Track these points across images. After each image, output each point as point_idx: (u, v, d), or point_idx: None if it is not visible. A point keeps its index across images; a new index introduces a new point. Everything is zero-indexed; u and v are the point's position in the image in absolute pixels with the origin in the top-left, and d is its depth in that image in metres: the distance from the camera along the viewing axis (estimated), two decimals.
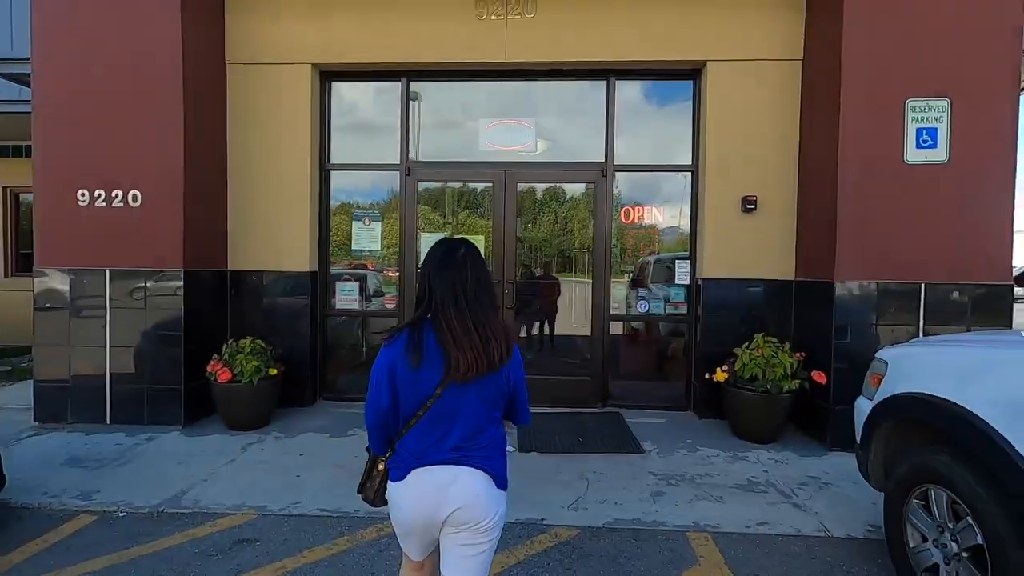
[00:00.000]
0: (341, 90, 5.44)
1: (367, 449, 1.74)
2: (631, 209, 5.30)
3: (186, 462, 3.88)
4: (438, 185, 5.46)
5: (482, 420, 1.60)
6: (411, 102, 5.31)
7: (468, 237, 2.19)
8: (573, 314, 5.48)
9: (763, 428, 4.32)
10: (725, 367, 4.46)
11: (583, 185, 5.36)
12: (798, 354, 4.35)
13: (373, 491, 1.70)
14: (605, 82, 5.20)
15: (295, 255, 5.11)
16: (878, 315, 4.19)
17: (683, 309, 5.21)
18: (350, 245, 5.39)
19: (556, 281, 5.50)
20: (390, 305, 5.36)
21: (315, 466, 3.84)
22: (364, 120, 5.49)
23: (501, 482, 1.64)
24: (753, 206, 4.80)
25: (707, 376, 4.61)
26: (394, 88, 5.31)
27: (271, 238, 5.08)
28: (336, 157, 5.40)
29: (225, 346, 4.56)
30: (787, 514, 3.24)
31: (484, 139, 5.29)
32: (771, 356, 4.27)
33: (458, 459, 1.58)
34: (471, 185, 5.49)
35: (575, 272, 5.47)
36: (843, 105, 4.15)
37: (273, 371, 4.52)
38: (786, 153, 4.84)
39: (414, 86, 5.35)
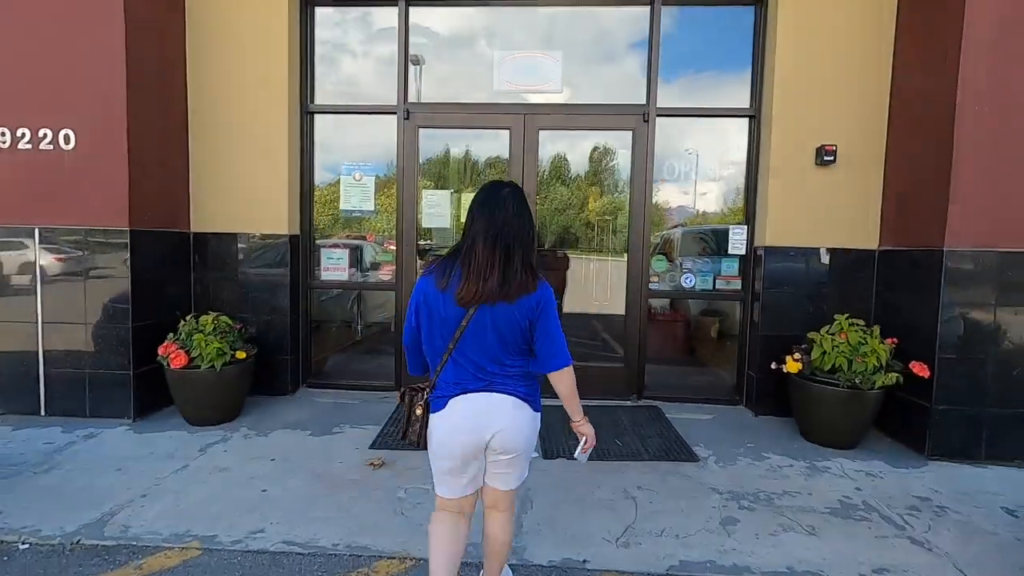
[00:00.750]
0: (326, 17, 4.49)
1: (400, 395, 1.85)
2: (675, 163, 4.40)
3: (126, 468, 3.08)
4: (444, 133, 4.56)
5: (499, 352, 1.67)
6: (410, 32, 4.37)
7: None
8: (605, 290, 4.62)
9: (844, 430, 3.50)
10: (797, 355, 3.62)
11: (620, 133, 4.44)
12: (889, 340, 3.50)
13: (416, 434, 1.79)
14: (648, 8, 4.25)
15: (271, 215, 4.25)
16: (1000, 292, 3.31)
17: (736, 284, 4.35)
18: (338, 205, 4.51)
19: (565, 256, 4.67)
20: (386, 277, 4.51)
21: (288, 475, 3.04)
22: (354, 55, 4.56)
23: (532, 404, 1.76)
24: (832, 158, 3.89)
25: (773, 366, 3.76)
26: (390, 15, 4.37)
27: (242, 194, 4.21)
28: (320, 98, 4.49)
29: (182, 323, 3.72)
30: (907, 554, 2.42)
31: (499, 76, 4.36)
32: (859, 343, 3.42)
33: (489, 386, 1.69)
34: (482, 134, 4.59)
35: (606, 239, 4.60)
36: (969, 11, 3.22)
37: (241, 354, 3.70)
38: (873, 91, 3.91)
39: (414, 14, 4.41)
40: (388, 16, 4.38)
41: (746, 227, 4.28)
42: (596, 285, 4.72)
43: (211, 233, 4.26)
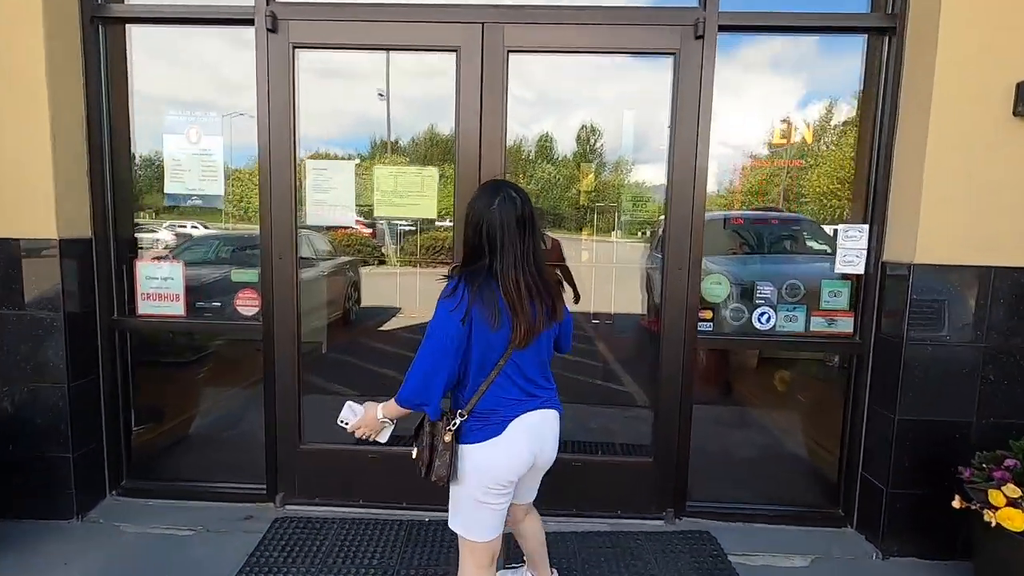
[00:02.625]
0: None
1: (416, 428, 1.63)
2: (735, 115, 2.55)
3: None
4: (341, 60, 2.67)
5: (543, 366, 1.65)
6: None
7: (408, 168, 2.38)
8: (619, 328, 2.81)
9: None
10: (1014, 488, 1.85)
11: (650, 63, 2.58)
12: None
13: (448, 466, 1.55)
14: None
15: (27, 205, 2.35)
16: None
17: (845, 323, 2.55)
18: (162, 186, 2.61)
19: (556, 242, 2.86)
20: (247, 308, 2.64)
21: None
22: None
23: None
24: None
25: (956, 503, 1.99)
26: None
27: None
28: None
29: None
30: None
31: None
32: None
33: (543, 404, 1.63)
34: (410, 62, 2.69)
35: (617, 246, 2.78)
36: None
37: None
38: None
39: None
40: None
41: (867, 228, 2.47)
42: (603, 317, 2.90)
43: None
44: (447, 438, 1.53)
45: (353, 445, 2.70)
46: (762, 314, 2.56)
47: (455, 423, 1.54)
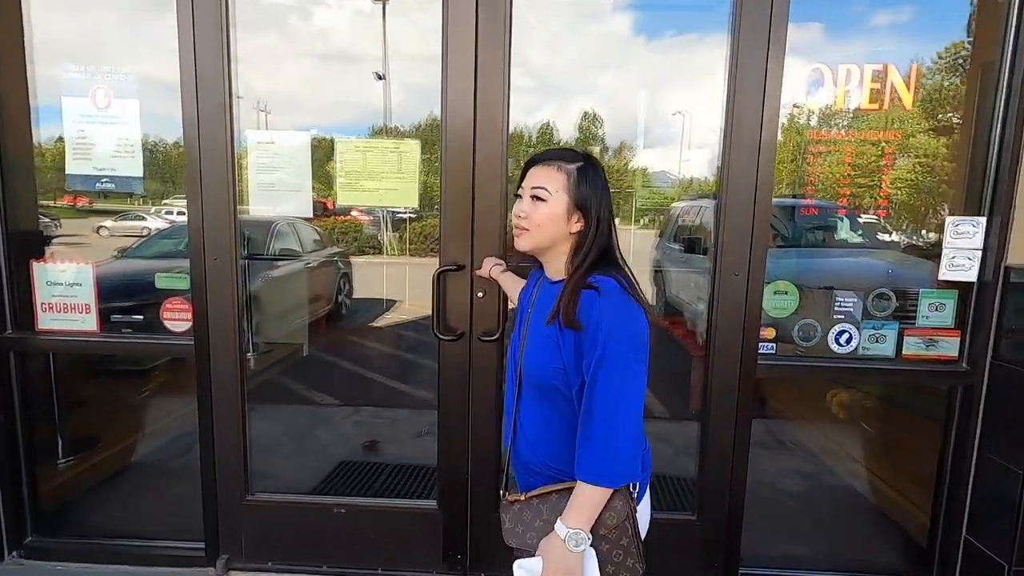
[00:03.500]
0: None
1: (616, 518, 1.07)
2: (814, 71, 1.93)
3: None
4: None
5: None
6: None
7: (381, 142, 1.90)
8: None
9: None
10: None
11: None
12: None
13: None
14: None
15: None
16: None
17: (949, 346, 1.96)
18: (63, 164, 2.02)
19: None
20: (177, 323, 2.06)
21: None
22: None
23: None
24: None
25: None
26: None
27: None
28: None
29: None
30: None
31: None
32: None
33: None
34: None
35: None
36: None
37: None
38: None
39: None
40: None
41: (984, 223, 1.87)
42: None
43: None
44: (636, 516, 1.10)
45: (313, 496, 2.17)
46: (840, 333, 1.98)
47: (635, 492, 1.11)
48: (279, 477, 2.68)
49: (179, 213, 2.21)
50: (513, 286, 1.68)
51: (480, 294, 1.90)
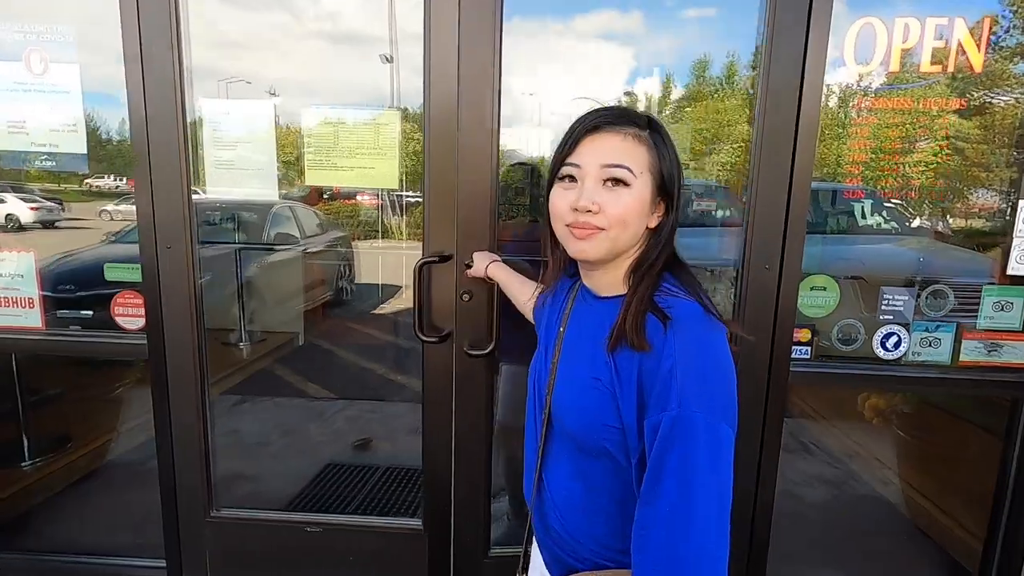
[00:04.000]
0: None
1: None
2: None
3: None
4: None
5: None
6: None
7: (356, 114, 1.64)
8: None
9: None
10: None
11: None
12: None
13: None
14: None
15: None
16: None
17: (1013, 352, 1.69)
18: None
19: None
20: (129, 319, 1.83)
21: None
22: None
23: None
24: None
25: None
26: None
27: None
28: None
29: None
30: None
31: None
32: None
33: None
34: None
35: None
36: None
37: None
38: None
39: None
40: None
41: None
42: None
43: None
44: None
45: (285, 513, 1.96)
46: (888, 335, 1.70)
47: None
48: (261, 480, 2.49)
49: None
50: (520, 287, 1.35)
51: (465, 296, 1.65)
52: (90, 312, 1.87)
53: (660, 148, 0.80)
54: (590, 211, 0.77)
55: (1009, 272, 1.63)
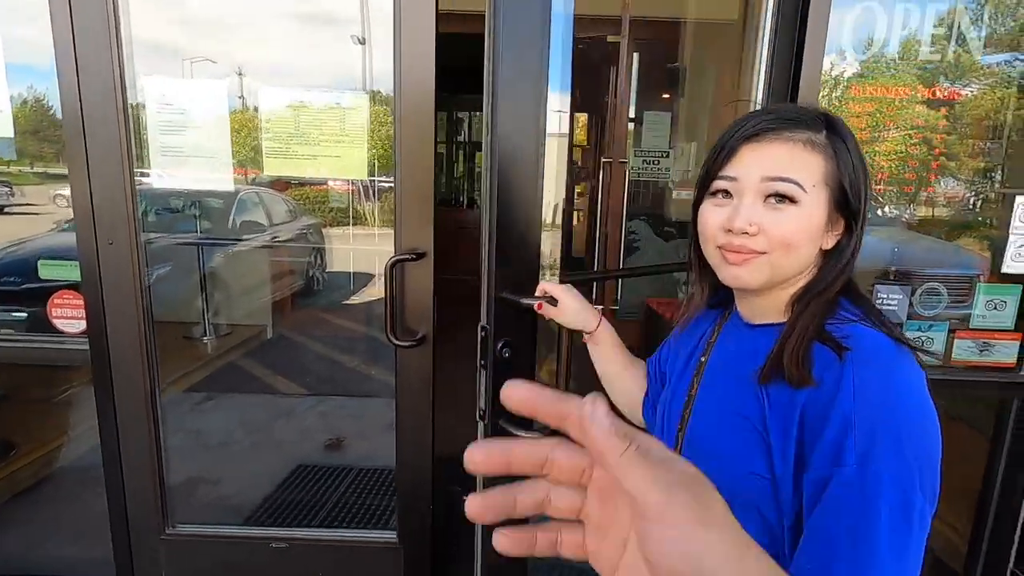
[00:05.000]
0: None
1: None
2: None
3: None
4: None
5: None
6: None
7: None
8: None
9: None
10: None
11: None
12: None
13: None
14: None
15: None
16: None
17: (1005, 351, 1.65)
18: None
19: None
20: (68, 321, 1.66)
21: None
22: None
23: None
24: None
25: None
26: None
27: None
28: None
29: None
30: None
31: None
32: None
33: None
34: None
35: None
36: None
37: None
38: None
39: None
40: None
41: None
42: None
43: None
44: None
45: (247, 528, 1.83)
46: None
47: None
48: (225, 484, 2.35)
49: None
50: (632, 372, 1.01)
51: (506, 352, 1.13)
52: (24, 314, 1.69)
53: (840, 155, 0.66)
54: (747, 232, 0.65)
55: (1004, 270, 1.59)
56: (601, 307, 2.86)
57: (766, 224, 0.65)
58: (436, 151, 1.49)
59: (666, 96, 4.44)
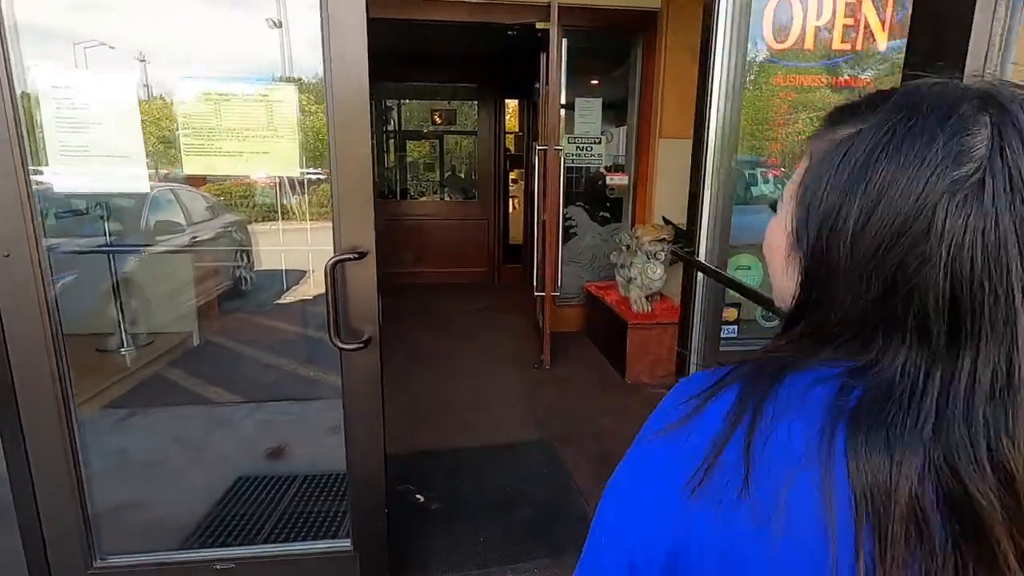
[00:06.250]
0: None
1: None
2: None
3: None
4: None
5: None
6: None
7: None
8: None
9: None
10: None
11: None
12: None
13: None
14: None
15: None
16: None
17: None
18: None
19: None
20: None
21: None
22: None
23: None
24: None
25: None
26: None
27: None
28: None
29: None
30: None
31: None
32: None
33: None
34: None
35: None
36: None
37: None
38: None
39: None
40: None
41: None
42: None
43: None
44: None
45: (186, 552, 1.72)
46: None
47: None
48: (158, 505, 2.19)
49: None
50: None
51: None
52: None
53: (814, 162, 0.46)
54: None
55: None
56: (543, 294, 2.89)
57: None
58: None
59: (595, 82, 4.50)
